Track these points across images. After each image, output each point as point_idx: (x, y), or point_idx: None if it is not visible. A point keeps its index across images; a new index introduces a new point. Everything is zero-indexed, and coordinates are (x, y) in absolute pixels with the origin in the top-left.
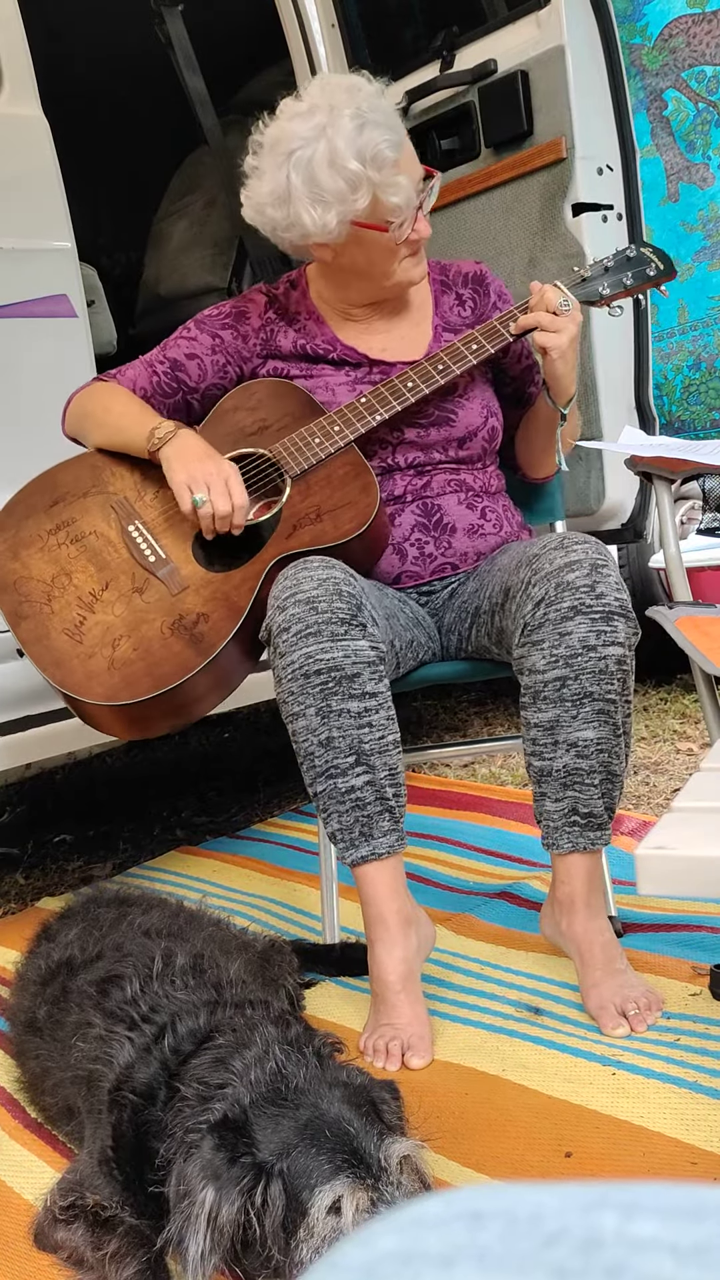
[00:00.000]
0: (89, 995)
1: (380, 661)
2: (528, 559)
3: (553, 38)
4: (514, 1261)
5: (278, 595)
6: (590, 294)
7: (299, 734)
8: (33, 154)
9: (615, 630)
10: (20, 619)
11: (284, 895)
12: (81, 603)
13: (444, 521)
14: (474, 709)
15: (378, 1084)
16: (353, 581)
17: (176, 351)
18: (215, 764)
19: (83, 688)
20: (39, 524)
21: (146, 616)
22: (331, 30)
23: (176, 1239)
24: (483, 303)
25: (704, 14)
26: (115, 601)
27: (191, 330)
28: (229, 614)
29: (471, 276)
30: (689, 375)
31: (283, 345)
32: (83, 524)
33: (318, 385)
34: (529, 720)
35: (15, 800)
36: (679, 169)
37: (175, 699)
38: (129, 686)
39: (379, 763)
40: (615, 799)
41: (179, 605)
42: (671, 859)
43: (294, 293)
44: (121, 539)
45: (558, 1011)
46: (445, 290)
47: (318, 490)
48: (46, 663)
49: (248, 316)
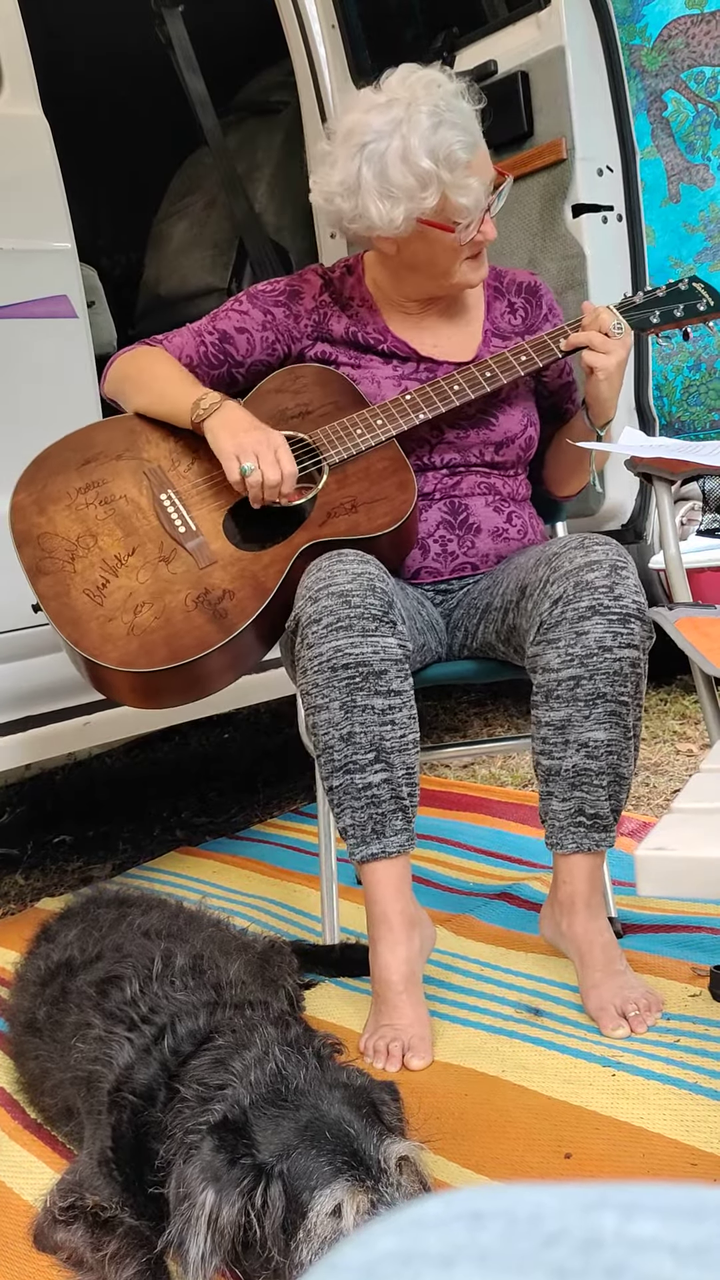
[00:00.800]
0: (88, 996)
1: (406, 660)
2: (547, 557)
3: (553, 39)
4: (514, 1262)
5: (310, 586)
6: (642, 321)
7: (320, 726)
8: (33, 154)
9: (632, 632)
10: (41, 574)
11: (284, 896)
12: (105, 565)
13: (470, 521)
14: (474, 710)
15: (378, 1085)
16: (386, 579)
17: (227, 323)
18: (215, 764)
19: (97, 649)
20: (68, 481)
21: (171, 587)
22: (331, 31)
23: (177, 1241)
24: (534, 314)
25: (703, 14)
26: (140, 568)
27: (244, 304)
28: (255, 594)
29: (525, 286)
30: (689, 376)
31: (334, 330)
32: (113, 486)
33: (364, 376)
34: (540, 719)
35: (15, 801)
36: (679, 170)
37: (191, 673)
38: (146, 654)
39: (398, 761)
40: (622, 801)
41: (205, 579)
42: (671, 860)
43: (350, 278)
44: (152, 506)
45: (557, 1012)
46: (498, 296)
47: (355, 481)
48: (64, 620)
49: (302, 296)
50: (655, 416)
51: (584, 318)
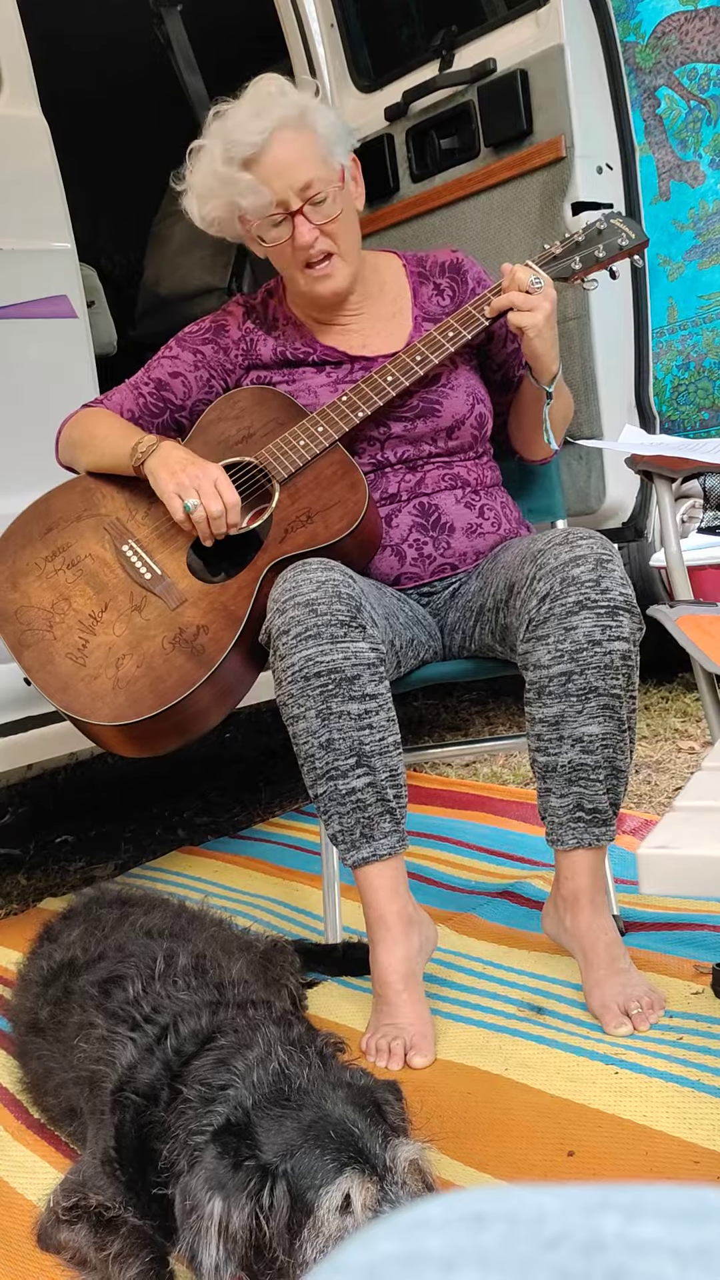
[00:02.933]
0: (91, 996)
1: (380, 663)
2: (532, 555)
3: (552, 36)
4: (516, 1264)
5: (277, 598)
6: (563, 270)
7: (299, 736)
8: (32, 155)
9: (620, 625)
10: (24, 647)
11: (286, 895)
12: (82, 626)
13: (442, 521)
14: (475, 708)
15: (381, 1084)
16: (352, 583)
17: (160, 371)
18: (217, 764)
19: (89, 710)
20: (35, 552)
21: (147, 633)
22: (330, 30)
23: (189, 1254)
24: (461, 290)
25: (696, 11)
26: (115, 621)
27: (173, 349)
28: (228, 624)
29: (448, 265)
30: (678, 375)
31: (263, 354)
32: (78, 548)
33: (300, 389)
34: (533, 715)
35: (17, 801)
36: (671, 167)
37: (180, 713)
38: (133, 705)
39: (380, 764)
40: (620, 795)
41: (178, 619)
42: (673, 858)
43: (272, 300)
44: (116, 559)
45: (560, 1011)
46: (423, 281)
47: (306, 493)
48: (53, 689)
49: (227, 329)
50: (655, 414)
51: (503, 280)
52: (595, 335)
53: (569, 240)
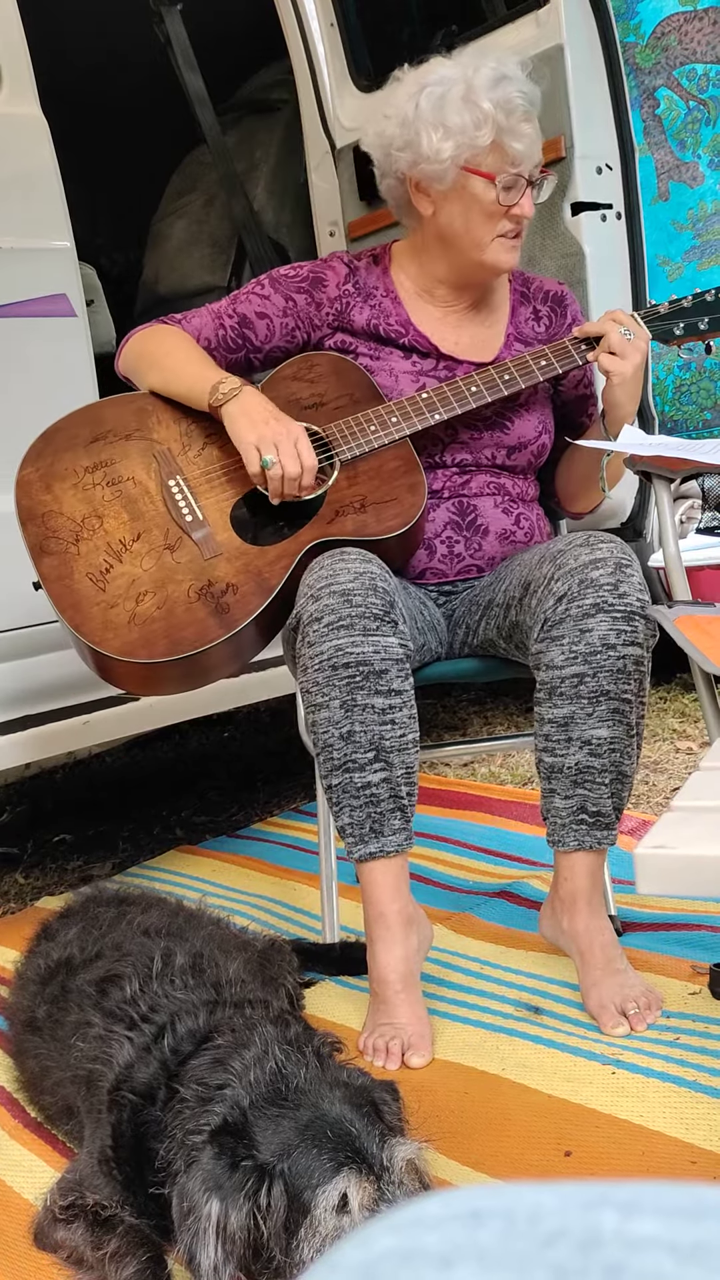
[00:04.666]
0: (88, 994)
1: (407, 660)
2: (551, 555)
3: (552, 37)
4: (513, 1261)
5: (312, 585)
6: (664, 333)
7: (319, 725)
8: (32, 153)
9: (635, 630)
10: (44, 553)
11: (283, 894)
12: (110, 549)
13: (478, 523)
14: (474, 708)
15: (378, 1084)
16: (388, 578)
17: (247, 308)
18: (215, 763)
19: (98, 636)
20: (76, 458)
21: (174, 576)
22: (330, 29)
23: (187, 1256)
24: (558, 323)
25: (696, 11)
26: (145, 554)
27: (266, 288)
28: (258, 590)
29: (553, 295)
30: (679, 375)
31: (356, 320)
32: (121, 467)
33: (382, 368)
34: (543, 715)
35: (15, 800)
36: (670, 167)
37: (190, 664)
38: (146, 645)
39: (397, 760)
40: (624, 799)
41: (209, 571)
42: (671, 858)
43: (376, 268)
44: (160, 491)
45: (558, 1011)
46: (524, 301)
47: (365, 479)
48: (65, 604)
49: (325, 284)
50: (655, 415)
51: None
52: None
53: (675, 304)
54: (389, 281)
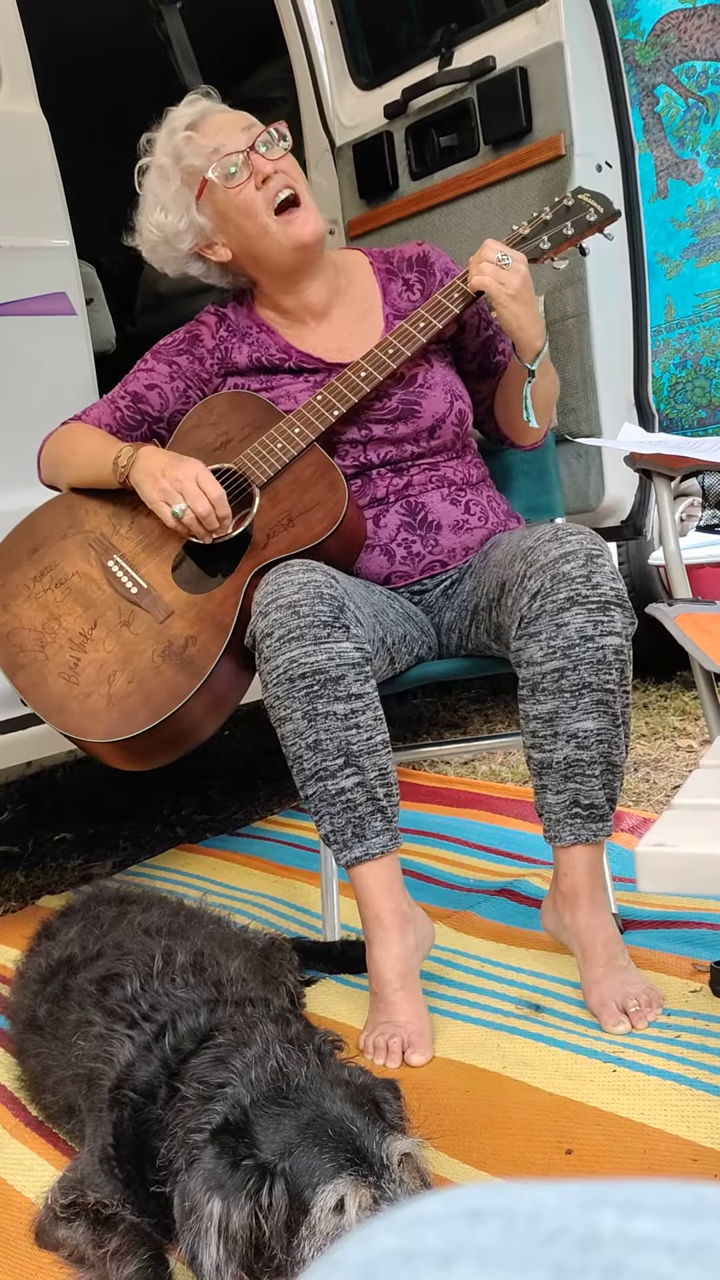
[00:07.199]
0: (89, 993)
1: (366, 662)
2: (522, 552)
3: (551, 34)
4: (513, 1260)
5: (260, 601)
6: (533, 251)
7: (287, 738)
8: (31, 152)
9: (612, 620)
10: (17, 669)
11: (284, 893)
12: (73, 644)
13: (429, 519)
14: (474, 706)
15: (379, 1083)
16: (334, 583)
17: (136, 384)
18: (215, 762)
19: (85, 728)
20: (23, 573)
21: (137, 648)
22: (330, 28)
23: (189, 1255)
24: (430, 283)
25: (695, 9)
26: (105, 638)
27: (149, 361)
28: (216, 633)
29: (415, 259)
30: (675, 373)
31: (239, 361)
32: (65, 566)
33: (279, 395)
34: (528, 713)
35: (16, 798)
36: (668, 165)
37: (175, 725)
38: (127, 720)
39: (368, 763)
40: (616, 790)
41: (166, 631)
42: (671, 856)
43: (242, 309)
44: (103, 575)
45: (558, 1008)
46: (391, 277)
47: (286, 496)
48: (48, 709)
49: (200, 339)
50: (655, 412)
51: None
52: (594, 333)
53: (536, 219)
54: (258, 316)
